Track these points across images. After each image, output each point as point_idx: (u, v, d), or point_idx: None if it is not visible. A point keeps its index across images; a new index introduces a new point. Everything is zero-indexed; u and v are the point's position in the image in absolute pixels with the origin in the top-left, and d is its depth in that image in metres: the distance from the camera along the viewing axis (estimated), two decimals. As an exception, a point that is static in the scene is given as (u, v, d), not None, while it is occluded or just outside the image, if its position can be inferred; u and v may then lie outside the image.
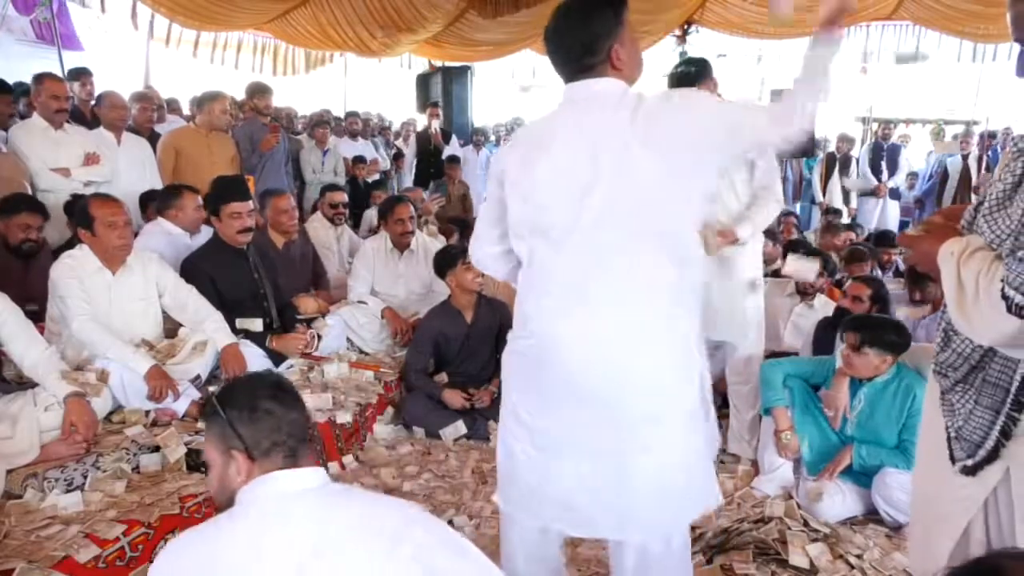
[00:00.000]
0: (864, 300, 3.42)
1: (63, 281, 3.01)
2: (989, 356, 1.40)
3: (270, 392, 1.46)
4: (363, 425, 3.49)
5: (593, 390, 1.71)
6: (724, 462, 3.37)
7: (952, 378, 1.49)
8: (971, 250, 1.35)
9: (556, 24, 1.74)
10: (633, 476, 1.72)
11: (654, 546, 1.81)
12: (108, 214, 3.06)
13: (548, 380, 1.77)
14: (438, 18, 8.51)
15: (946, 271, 1.38)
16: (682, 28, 9.22)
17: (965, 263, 1.34)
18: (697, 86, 3.05)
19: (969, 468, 1.45)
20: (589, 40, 1.70)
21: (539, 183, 1.74)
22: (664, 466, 1.73)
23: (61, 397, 2.64)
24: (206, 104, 5.03)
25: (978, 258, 1.33)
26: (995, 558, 1.09)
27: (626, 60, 1.72)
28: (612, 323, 1.69)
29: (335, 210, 5.02)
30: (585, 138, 1.68)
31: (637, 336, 1.69)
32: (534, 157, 1.76)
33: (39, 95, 4.21)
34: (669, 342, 1.73)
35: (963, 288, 1.33)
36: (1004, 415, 1.38)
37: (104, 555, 2.21)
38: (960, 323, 1.38)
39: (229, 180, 3.96)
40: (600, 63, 1.71)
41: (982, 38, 8.34)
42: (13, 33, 7.93)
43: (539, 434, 1.81)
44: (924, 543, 1.62)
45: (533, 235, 1.77)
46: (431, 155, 8.07)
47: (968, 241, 1.38)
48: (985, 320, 1.30)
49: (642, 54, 1.80)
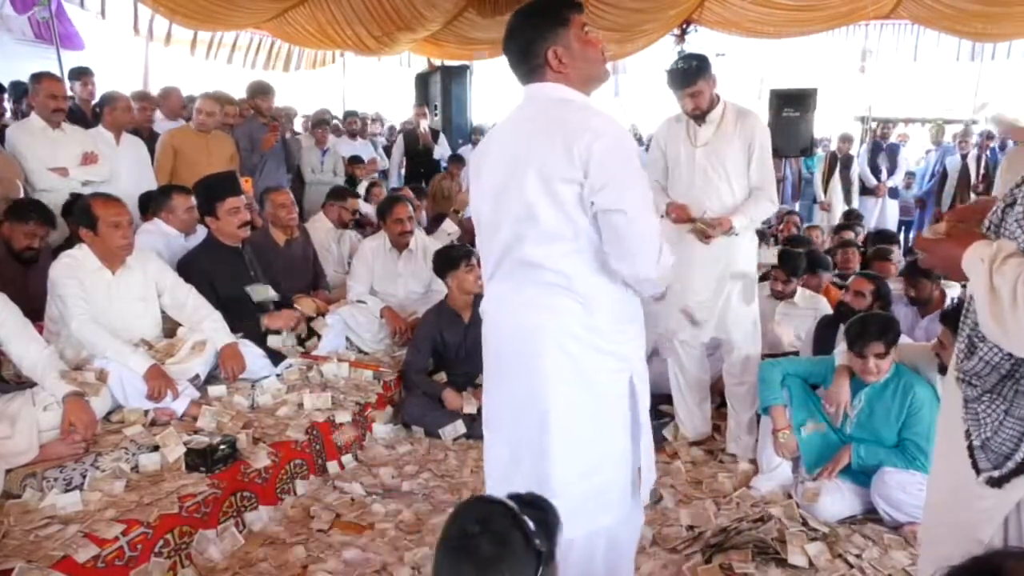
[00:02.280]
0: (866, 295, 3.43)
1: (62, 280, 3.01)
2: (1022, 365, 1.35)
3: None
4: (362, 425, 3.49)
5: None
6: (723, 461, 3.38)
7: (979, 387, 1.43)
8: (1003, 256, 1.29)
9: (505, 31, 1.81)
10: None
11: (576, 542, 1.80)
12: (112, 214, 3.06)
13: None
14: (437, 17, 8.50)
15: (976, 278, 1.32)
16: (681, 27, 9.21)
17: (999, 270, 1.28)
18: (698, 82, 3.07)
19: (995, 480, 1.41)
20: (525, 45, 1.76)
21: (480, 178, 1.88)
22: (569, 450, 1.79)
23: (60, 397, 2.64)
24: (191, 106, 5.05)
25: (1013, 264, 1.27)
26: (995, 558, 1.09)
27: (569, 62, 1.75)
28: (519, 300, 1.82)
29: (351, 216, 5.08)
30: (515, 140, 1.78)
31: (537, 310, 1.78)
32: (482, 152, 1.91)
33: (36, 95, 4.21)
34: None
35: (997, 296, 1.28)
36: None
37: (103, 555, 2.21)
38: (994, 331, 1.31)
39: (220, 177, 3.92)
40: (539, 67, 1.76)
41: (981, 37, 8.34)
42: (12, 32, 7.92)
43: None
44: (936, 551, 1.57)
45: (478, 224, 1.93)
46: (420, 155, 8.03)
47: (999, 246, 1.31)
48: (1022, 330, 1.25)
49: (600, 54, 1.81)
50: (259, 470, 2.82)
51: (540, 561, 1.18)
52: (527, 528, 1.19)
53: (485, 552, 1.16)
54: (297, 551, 2.56)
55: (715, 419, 3.63)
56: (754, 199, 3.17)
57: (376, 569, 2.48)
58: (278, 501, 2.87)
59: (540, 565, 1.18)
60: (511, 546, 1.17)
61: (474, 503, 1.25)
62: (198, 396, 3.17)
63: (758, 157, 3.16)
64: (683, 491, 3.07)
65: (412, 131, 8.21)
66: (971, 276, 1.34)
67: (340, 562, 2.51)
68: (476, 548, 1.17)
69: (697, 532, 2.70)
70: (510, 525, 1.19)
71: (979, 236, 1.40)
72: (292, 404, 3.33)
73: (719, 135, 3.14)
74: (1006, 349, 1.33)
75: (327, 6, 7.93)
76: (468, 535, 1.18)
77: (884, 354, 2.81)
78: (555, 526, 1.26)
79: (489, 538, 1.17)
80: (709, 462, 3.39)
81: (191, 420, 3.01)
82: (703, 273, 3.21)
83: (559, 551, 1.28)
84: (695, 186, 3.16)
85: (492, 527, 1.18)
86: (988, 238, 1.39)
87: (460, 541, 1.19)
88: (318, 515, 2.80)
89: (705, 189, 3.14)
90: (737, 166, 3.15)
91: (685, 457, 3.40)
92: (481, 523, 1.19)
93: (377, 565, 2.49)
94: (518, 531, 1.19)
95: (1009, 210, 1.35)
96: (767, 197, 3.19)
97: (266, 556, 2.54)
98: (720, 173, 3.14)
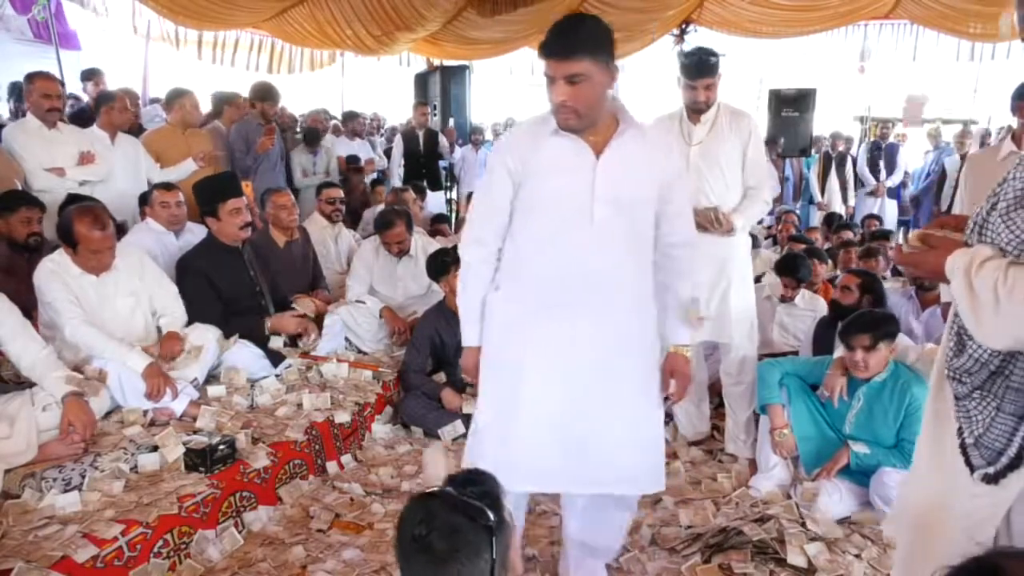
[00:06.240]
0: (853, 289, 3.45)
1: (48, 286, 2.99)
2: (1011, 361, 1.37)
3: None
4: (361, 424, 3.49)
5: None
6: (722, 461, 3.38)
7: (969, 384, 1.44)
8: (980, 261, 1.33)
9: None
10: None
11: None
12: (96, 240, 2.98)
13: None
14: (436, 16, 8.49)
15: (956, 284, 1.36)
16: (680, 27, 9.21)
17: (977, 275, 1.32)
18: (715, 75, 3.08)
19: (991, 476, 1.42)
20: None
21: None
22: None
23: (59, 397, 2.64)
24: (176, 101, 4.96)
25: (990, 268, 1.31)
26: (994, 557, 1.09)
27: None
28: None
29: (332, 206, 5.01)
30: None
31: None
32: None
33: (31, 94, 4.19)
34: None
35: (978, 299, 1.31)
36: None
37: (102, 555, 2.21)
38: (976, 332, 1.35)
39: (222, 178, 3.95)
40: None
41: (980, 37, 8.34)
42: (11, 32, 7.91)
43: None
44: (926, 551, 1.57)
45: None
46: (420, 155, 8.02)
47: (974, 253, 1.35)
48: (1008, 328, 1.28)
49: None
50: (258, 470, 2.82)
51: (492, 534, 1.20)
52: (470, 509, 1.21)
53: (438, 548, 1.19)
54: (296, 551, 2.56)
55: (714, 419, 3.63)
56: (749, 200, 3.18)
57: (375, 569, 2.47)
58: (277, 501, 2.87)
59: (493, 537, 1.20)
60: (460, 533, 1.19)
61: (413, 504, 1.26)
62: (197, 396, 3.17)
63: (752, 157, 3.16)
64: (682, 491, 3.07)
65: (411, 131, 8.20)
66: (952, 283, 1.37)
67: (339, 562, 2.51)
68: (428, 547, 1.19)
69: (696, 532, 2.70)
70: (452, 513, 1.21)
71: (957, 243, 1.43)
72: (291, 404, 3.33)
73: (714, 134, 3.14)
74: (994, 348, 1.36)
75: (326, 6, 7.92)
76: (416, 538, 1.20)
77: (871, 347, 2.81)
78: (497, 492, 1.28)
79: (437, 534, 1.19)
80: (708, 462, 3.39)
81: (190, 420, 3.01)
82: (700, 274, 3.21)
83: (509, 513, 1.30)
84: (690, 184, 3.16)
85: (436, 523, 1.20)
86: (967, 244, 1.42)
87: (411, 545, 1.21)
88: (317, 515, 2.80)
89: (700, 187, 3.14)
90: (731, 165, 3.15)
91: (684, 457, 3.40)
92: (425, 522, 1.21)
93: (376, 565, 2.49)
94: (462, 516, 1.21)
95: (992, 210, 1.38)
96: (761, 198, 3.20)
97: (265, 556, 2.54)
98: (715, 172, 3.14)
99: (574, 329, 1.97)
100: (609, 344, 1.99)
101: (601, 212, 1.91)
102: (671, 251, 2.07)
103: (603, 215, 1.91)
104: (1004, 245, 1.33)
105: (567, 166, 1.92)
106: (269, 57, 9.14)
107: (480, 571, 1.19)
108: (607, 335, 1.99)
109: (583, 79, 1.80)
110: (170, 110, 5.06)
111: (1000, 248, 1.34)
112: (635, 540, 2.68)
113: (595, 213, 1.91)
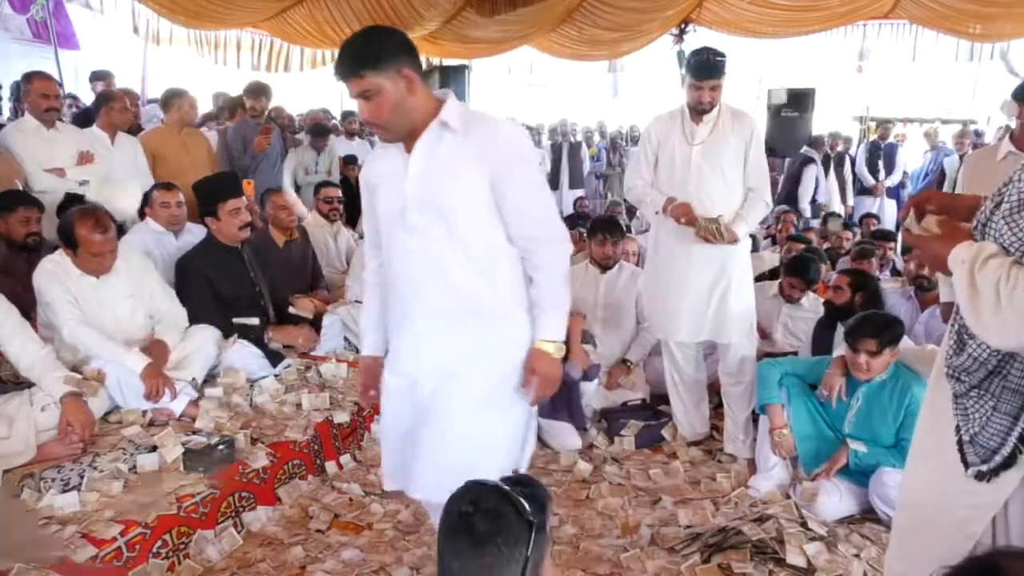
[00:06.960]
0: (844, 289, 3.45)
1: (47, 287, 2.98)
2: (1009, 362, 1.38)
3: None
4: (361, 424, 3.48)
5: None
6: (721, 461, 3.38)
7: (967, 382, 1.46)
8: (984, 257, 1.33)
9: None
10: None
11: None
12: (96, 244, 2.99)
13: None
14: (435, 16, 8.50)
15: (958, 278, 1.36)
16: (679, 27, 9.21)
17: (980, 270, 1.32)
18: (723, 76, 3.08)
19: (984, 474, 1.44)
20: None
21: None
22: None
23: (58, 397, 2.64)
24: (174, 102, 4.94)
25: (993, 265, 1.31)
26: (994, 557, 1.09)
27: None
28: None
29: (329, 205, 5.01)
30: None
31: None
32: None
33: (28, 94, 4.17)
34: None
35: (979, 295, 1.31)
36: (1023, 421, 1.37)
37: (101, 555, 2.21)
38: (976, 329, 1.36)
39: (222, 177, 3.94)
40: None
41: (979, 37, 8.35)
42: (10, 32, 7.92)
43: None
44: (919, 549, 1.58)
45: None
46: None
47: (979, 248, 1.36)
48: (1007, 328, 1.29)
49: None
50: (257, 470, 2.82)
51: (532, 530, 1.28)
52: (518, 503, 1.29)
53: (479, 528, 1.27)
54: (295, 551, 2.56)
55: (713, 419, 3.63)
56: (751, 203, 3.17)
57: (374, 569, 2.47)
58: (276, 501, 2.87)
59: (532, 534, 1.27)
60: (504, 519, 1.27)
61: (467, 487, 1.35)
62: (196, 396, 3.16)
63: (753, 158, 3.16)
64: (681, 491, 3.07)
65: None
66: (954, 276, 1.38)
67: (338, 562, 2.51)
68: (471, 525, 1.27)
69: (695, 532, 2.70)
70: (501, 502, 1.29)
71: (966, 235, 1.43)
72: (290, 404, 3.32)
73: (716, 134, 3.14)
74: (992, 345, 1.37)
75: (325, 5, 7.93)
76: (462, 515, 1.29)
77: (876, 352, 2.81)
78: (545, 500, 1.35)
79: (482, 515, 1.27)
80: (707, 462, 3.39)
81: (189, 420, 3.01)
82: (699, 273, 3.21)
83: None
84: (690, 184, 3.15)
85: (484, 505, 1.29)
86: (974, 238, 1.42)
87: (456, 520, 1.29)
88: (316, 515, 2.80)
89: (701, 187, 3.14)
90: (733, 165, 3.15)
91: (683, 457, 3.40)
92: (474, 503, 1.29)
93: (375, 565, 2.49)
94: (509, 506, 1.29)
95: (996, 209, 1.38)
96: (762, 199, 3.19)
97: (264, 556, 2.54)
98: (716, 172, 3.14)
99: (416, 340, 1.94)
100: (451, 354, 1.92)
101: (415, 219, 1.84)
102: (523, 244, 1.93)
103: (417, 222, 1.84)
104: (1007, 245, 1.33)
105: (388, 173, 1.90)
106: (268, 57, 9.14)
107: (514, 564, 1.26)
108: (446, 343, 1.92)
109: (374, 93, 1.76)
110: (167, 110, 5.05)
111: (1003, 247, 1.34)
112: (634, 540, 2.68)
113: (408, 220, 1.85)
